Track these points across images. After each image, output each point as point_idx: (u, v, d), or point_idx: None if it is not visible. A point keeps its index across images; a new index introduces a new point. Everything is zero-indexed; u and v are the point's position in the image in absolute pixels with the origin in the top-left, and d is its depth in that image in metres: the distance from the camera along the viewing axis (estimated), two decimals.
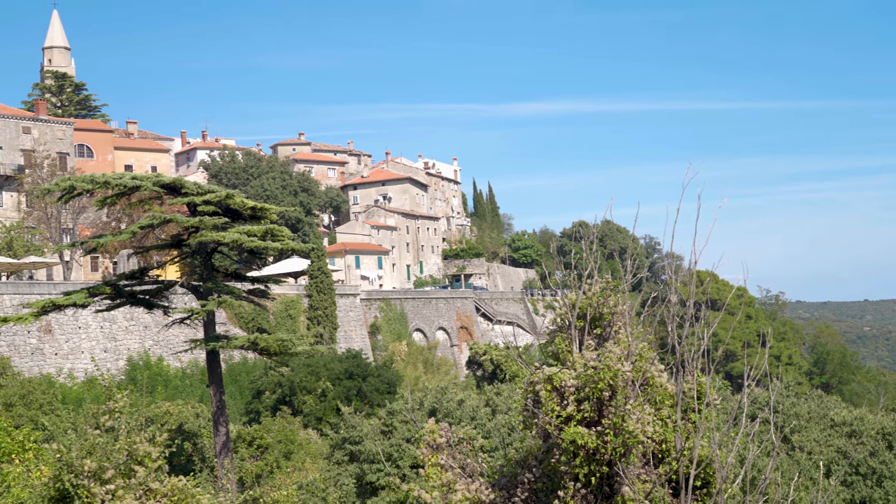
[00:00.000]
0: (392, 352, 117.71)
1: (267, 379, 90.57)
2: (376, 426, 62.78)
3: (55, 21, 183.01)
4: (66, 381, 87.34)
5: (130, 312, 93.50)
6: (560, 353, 18.95)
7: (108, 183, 45.55)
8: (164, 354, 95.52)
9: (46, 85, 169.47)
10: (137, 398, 59.54)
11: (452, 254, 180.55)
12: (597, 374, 17.06)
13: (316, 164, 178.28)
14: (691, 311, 17.47)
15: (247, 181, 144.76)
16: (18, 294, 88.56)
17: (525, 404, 18.30)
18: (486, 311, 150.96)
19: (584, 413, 17.25)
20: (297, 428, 75.92)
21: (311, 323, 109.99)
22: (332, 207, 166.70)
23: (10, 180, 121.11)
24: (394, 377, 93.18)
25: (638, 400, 17.38)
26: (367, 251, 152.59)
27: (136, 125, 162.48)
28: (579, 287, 19.29)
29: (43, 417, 62.06)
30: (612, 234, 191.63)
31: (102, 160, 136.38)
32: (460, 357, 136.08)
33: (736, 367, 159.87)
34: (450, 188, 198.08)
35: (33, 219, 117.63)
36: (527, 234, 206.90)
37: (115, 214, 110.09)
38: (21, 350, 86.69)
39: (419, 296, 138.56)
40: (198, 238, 45.40)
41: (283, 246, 47.02)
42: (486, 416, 65.67)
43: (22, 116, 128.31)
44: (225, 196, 45.92)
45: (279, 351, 48.07)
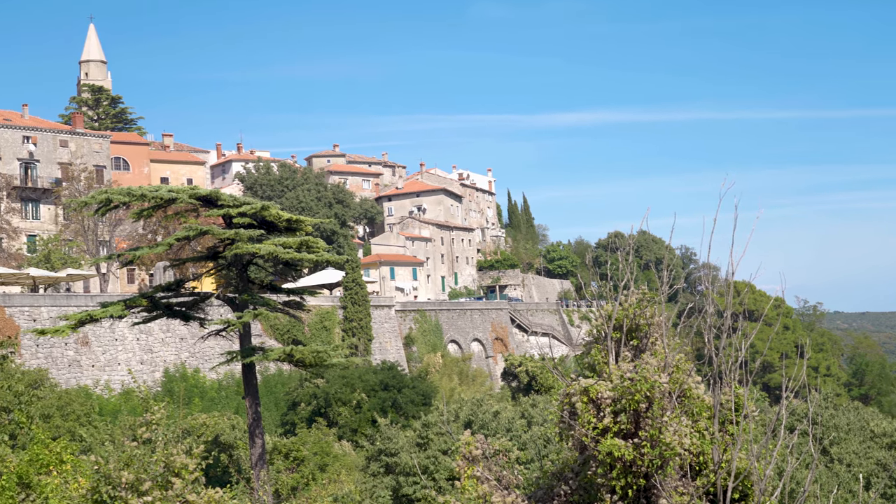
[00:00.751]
0: (427, 363, 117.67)
1: (302, 390, 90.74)
2: (412, 438, 62.74)
3: (92, 35, 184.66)
4: (103, 392, 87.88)
5: (167, 324, 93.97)
6: (596, 365, 18.86)
7: (145, 195, 45.81)
8: (201, 366, 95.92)
9: (83, 98, 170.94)
10: (174, 410, 59.80)
11: (487, 265, 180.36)
12: (633, 386, 16.96)
13: (350, 175, 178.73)
14: (728, 321, 17.34)
15: (282, 193, 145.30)
16: (56, 306, 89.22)
17: (561, 416, 18.22)
18: (521, 323, 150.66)
19: (621, 425, 17.15)
20: (332, 440, 76.00)
21: (347, 334, 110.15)
22: (366, 219, 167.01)
23: (47, 193, 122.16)
24: (429, 389, 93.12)
25: (675, 412, 17.27)
26: (401, 262, 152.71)
27: (171, 138, 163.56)
28: (615, 298, 19.20)
29: (80, 429, 62.41)
30: (647, 245, 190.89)
31: (139, 173, 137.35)
32: (495, 368, 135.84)
33: (773, 378, 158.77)
34: (484, 199, 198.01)
35: (70, 231, 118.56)
36: (562, 244, 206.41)
37: (151, 227, 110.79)
38: (59, 362, 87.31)
39: (454, 307, 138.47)
40: (233, 250, 45.57)
41: (318, 258, 47.11)
42: (522, 427, 65.48)
43: (59, 130, 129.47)
44: (260, 208, 46.07)
45: (314, 363, 48.13)
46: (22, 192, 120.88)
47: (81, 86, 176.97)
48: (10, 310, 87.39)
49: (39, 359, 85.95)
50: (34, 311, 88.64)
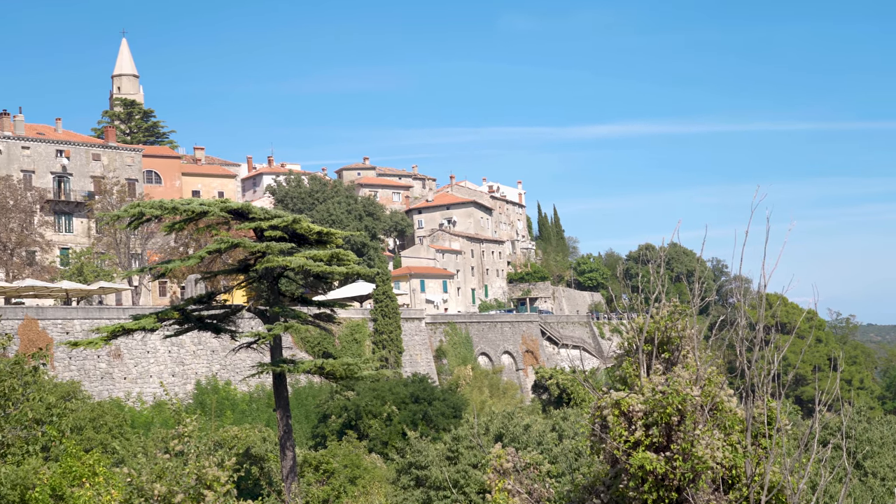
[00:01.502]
0: (457, 376, 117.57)
1: (333, 403, 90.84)
2: (442, 451, 62.66)
3: (124, 49, 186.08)
4: (135, 405, 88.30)
5: (198, 337, 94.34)
6: (628, 378, 18.81)
7: (177, 209, 46.10)
8: (232, 378, 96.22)
9: (115, 112, 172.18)
10: (206, 422, 60.03)
11: (517, 277, 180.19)
12: (665, 399, 16.90)
13: (381, 188, 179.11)
14: (760, 334, 17.27)
15: (312, 206, 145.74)
16: (88, 319, 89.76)
17: (592, 429, 18.17)
18: (551, 335, 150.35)
19: (653, 438, 17.09)
20: (362, 452, 76.01)
21: (377, 347, 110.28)
22: (396, 231, 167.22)
23: (80, 206, 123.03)
24: (459, 401, 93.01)
25: (707, 425, 17.20)
26: (431, 275, 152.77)
27: (203, 151, 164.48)
28: (647, 311, 19.15)
29: (113, 441, 62.72)
30: (678, 257, 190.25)
31: (170, 186, 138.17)
32: (526, 381, 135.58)
33: (806, 391, 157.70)
34: (514, 211, 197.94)
35: (103, 244, 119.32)
36: (592, 257, 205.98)
37: (182, 240, 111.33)
38: (91, 374, 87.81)
39: (484, 319, 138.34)
40: (264, 263, 45.75)
41: (348, 270, 47.25)
42: (553, 440, 65.29)
43: (92, 144, 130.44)
44: (291, 221, 46.26)
45: (345, 375, 48.24)
46: (55, 206, 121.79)
47: (114, 100, 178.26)
48: (44, 322, 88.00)
49: (72, 371, 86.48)
50: (67, 324, 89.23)
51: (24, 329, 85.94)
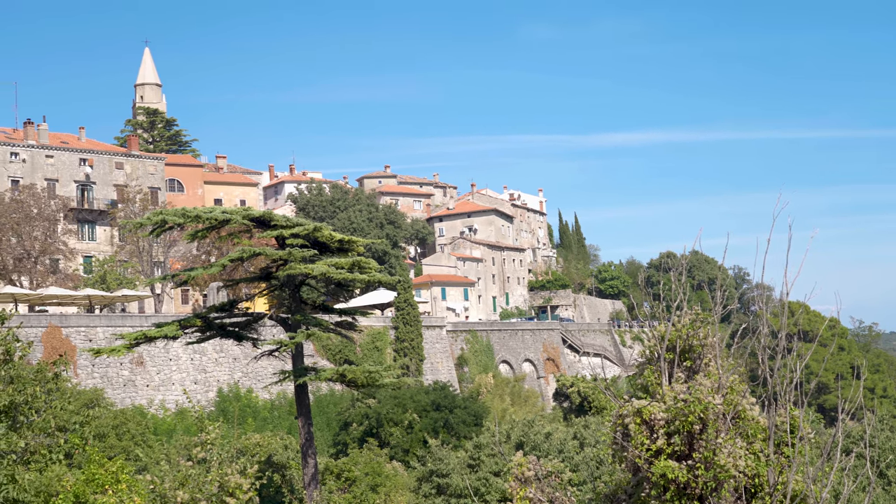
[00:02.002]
0: (478, 384, 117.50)
1: (354, 411, 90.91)
2: (463, 459, 62.68)
3: (147, 59, 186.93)
4: (157, 412, 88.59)
5: (220, 344, 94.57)
6: (649, 386, 18.80)
7: (199, 217, 46.29)
8: (253, 386, 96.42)
9: (138, 121, 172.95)
10: (228, 430, 60.17)
11: (538, 285, 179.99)
12: (687, 407, 16.89)
13: (402, 196, 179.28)
14: (783, 342, 17.25)
15: (334, 214, 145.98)
16: (111, 326, 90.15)
17: (614, 437, 18.17)
18: (572, 343, 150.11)
19: (675, 446, 17.08)
20: (383, 460, 76.02)
21: (398, 355, 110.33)
22: (417, 239, 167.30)
23: (103, 215, 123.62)
24: (480, 409, 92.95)
25: (729, 433, 17.17)
26: (452, 283, 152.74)
27: (225, 159, 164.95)
28: (668, 319, 19.13)
29: (136, 448, 62.94)
30: (699, 265, 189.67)
31: (193, 194, 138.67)
32: (547, 389, 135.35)
33: (829, 399, 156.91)
34: (535, 219, 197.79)
35: (126, 252, 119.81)
36: (613, 265, 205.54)
37: (205, 248, 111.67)
38: (114, 381, 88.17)
39: (505, 327, 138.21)
40: (286, 271, 45.88)
41: (369, 278, 47.36)
42: (575, 448, 65.23)
43: (115, 152, 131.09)
44: (313, 229, 46.39)
45: (366, 383, 48.31)
46: (78, 214, 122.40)
47: (137, 109, 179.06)
48: (67, 330, 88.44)
49: (95, 378, 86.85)
50: (90, 332, 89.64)
51: (47, 336, 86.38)
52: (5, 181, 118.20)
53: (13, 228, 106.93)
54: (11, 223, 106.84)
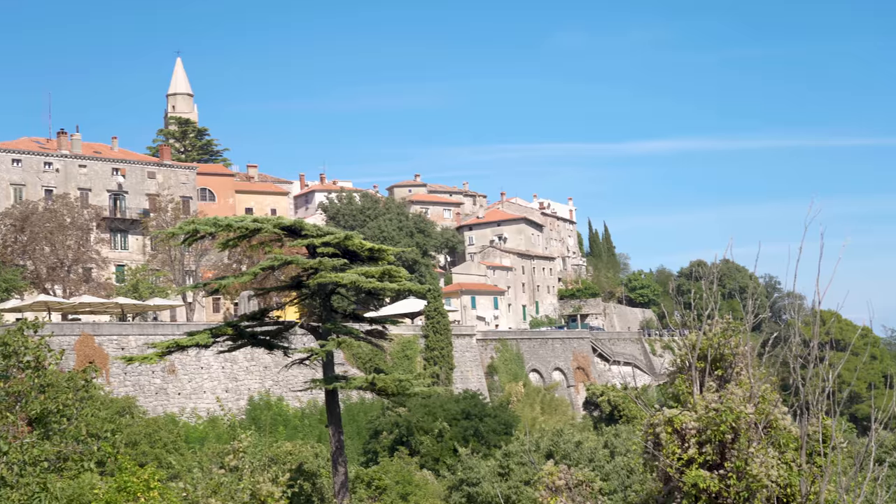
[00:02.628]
0: (508, 392, 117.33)
1: (384, 419, 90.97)
2: (493, 468, 62.60)
3: (179, 69, 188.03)
4: (189, 420, 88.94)
5: (251, 353, 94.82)
6: (680, 395, 18.77)
7: (231, 226, 46.52)
8: (284, 394, 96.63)
9: (170, 131, 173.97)
10: (259, 438, 60.36)
11: (568, 294, 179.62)
12: (719, 417, 16.85)
13: (431, 205, 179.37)
14: (815, 351, 17.18)
15: (364, 223, 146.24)
16: (143, 335, 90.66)
17: (645, 446, 18.15)
18: (602, 352, 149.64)
19: (706, 456, 17.04)
20: (414, 469, 76.05)
21: (428, 363, 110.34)
22: (447, 248, 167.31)
23: (135, 224, 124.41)
24: (511, 418, 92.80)
25: (761, 443, 17.12)
26: (482, 291, 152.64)
27: (256, 169, 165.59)
28: (699, 327, 19.10)
29: (168, 456, 63.20)
30: (730, 274, 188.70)
31: (224, 203, 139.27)
32: (577, 398, 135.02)
33: (861, 409, 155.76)
34: (565, 228, 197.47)
35: (158, 261, 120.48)
36: (643, 273, 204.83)
37: (236, 256, 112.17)
38: (146, 390, 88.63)
39: (535, 336, 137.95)
40: (317, 279, 45.99)
41: (400, 287, 47.42)
42: (605, 457, 64.99)
43: (147, 162, 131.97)
44: (343, 238, 46.52)
45: (397, 391, 48.35)
46: (111, 223, 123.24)
47: (168, 118, 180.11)
48: (99, 338, 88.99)
49: (127, 386, 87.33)
50: (122, 340, 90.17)
51: (80, 345, 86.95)
52: (39, 191, 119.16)
53: (47, 237, 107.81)
54: (45, 232, 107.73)
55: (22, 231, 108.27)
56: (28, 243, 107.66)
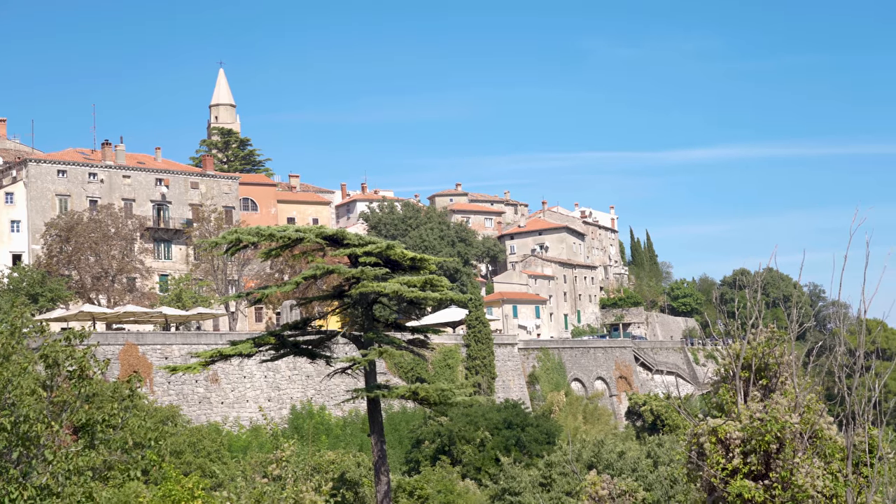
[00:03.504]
0: (550, 402, 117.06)
1: (426, 428, 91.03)
2: (535, 477, 62.46)
3: (221, 80, 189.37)
4: (232, 429, 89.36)
5: (293, 362, 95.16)
6: (724, 405, 18.65)
7: (273, 235, 46.71)
8: (326, 403, 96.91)
9: (213, 141, 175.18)
10: (302, 447, 60.53)
11: (610, 303, 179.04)
12: (763, 426, 16.74)
13: (473, 214, 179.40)
14: (860, 360, 17.03)
15: (405, 232, 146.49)
16: (187, 344, 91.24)
17: (689, 456, 18.05)
18: (644, 361, 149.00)
19: (751, 466, 16.92)
20: (455, 478, 76.03)
21: (470, 372, 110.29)
22: (489, 257, 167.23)
23: (179, 234, 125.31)
24: (553, 427, 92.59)
25: (807, 453, 16.98)
26: (524, 301, 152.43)
27: (298, 178, 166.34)
28: (743, 337, 18.98)
29: (212, 465, 63.50)
30: (774, 282, 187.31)
31: (266, 213, 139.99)
32: (619, 407, 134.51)
33: None
34: (607, 237, 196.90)
35: (201, 271, 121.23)
36: (686, 282, 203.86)
37: (278, 266, 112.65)
38: (189, 399, 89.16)
39: (577, 345, 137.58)
40: (359, 289, 46.06)
41: (441, 296, 47.38)
42: (648, 467, 64.68)
43: (190, 172, 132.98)
44: (385, 247, 46.57)
45: (439, 401, 48.30)
46: (154, 233, 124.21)
47: (211, 129, 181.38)
48: (143, 347, 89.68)
49: (171, 395, 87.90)
50: (166, 349, 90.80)
51: (124, 354, 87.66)
52: (84, 201, 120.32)
53: (91, 248, 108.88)
54: (90, 242, 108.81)
55: (67, 241, 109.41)
56: (73, 253, 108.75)
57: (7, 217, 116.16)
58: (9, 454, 23.65)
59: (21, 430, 23.04)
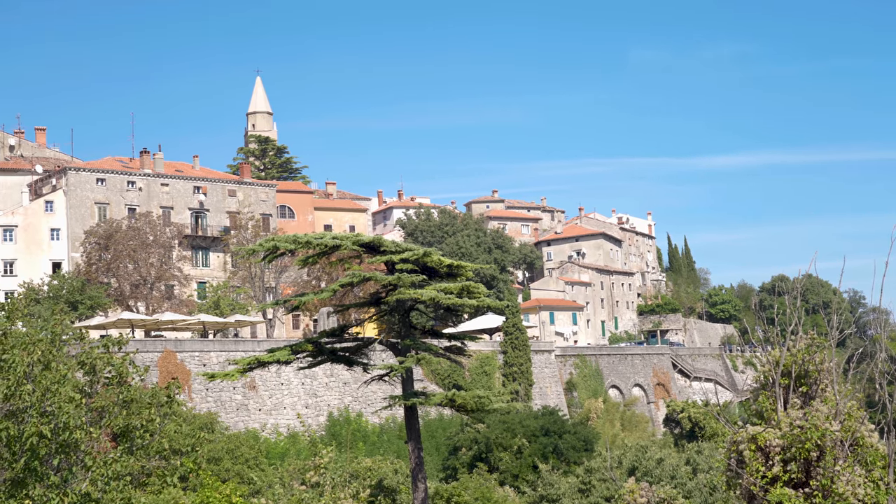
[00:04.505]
0: (588, 408, 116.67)
1: (463, 435, 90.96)
2: (574, 484, 62.27)
3: (258, 87, 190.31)
4: (270, 436, 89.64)
5: (331, 369, 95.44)
6: (764, 412, 18.51)
7: (310, 243, 46.83)
8: (363, 410, 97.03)
9: (250, 149, 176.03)
10: (339, 454, 60.68)
11: (647, 309, 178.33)
12: (803, 434, 16.60)
13: (509, 220, 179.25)
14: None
15: (442, 239, 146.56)
16: (225, 351, 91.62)
17: (728, 464, 17.92)
18: (682, 368, 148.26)
19: (791, 474, 16.78)
20: (493, 485, 75.90)
21: (507, 379, 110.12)
22: (525, 264, 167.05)
23: (216, 241, 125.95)
24: (590, 434, 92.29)
25: (847, 461, 16.82)
26: (561, 307, 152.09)
27: (334, 186, 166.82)
28: (782, 343, 18.83)
29: (250, 472, 63.73)
30: (813, 289, 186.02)
31: (303, 220, 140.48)
32: (657, 414, 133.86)
33: None
34: (644, 243, 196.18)
35: (238, 278, 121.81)
36: (724, 288, 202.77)
37: (315, 273, 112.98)
38: (227, 406, 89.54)
39: (614, 352, 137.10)
40: (396, 296, 46.10)
41: (478, 303, 47.33)
42: (687, 475, 64.36)
43: (228, 180, 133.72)
44: (422, 254, 46.57)
45: (476, 408, 48.23)
46: (192, 241, 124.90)
47: (248, 137, 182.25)
48: (182, 354, 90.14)
49: (209, 402, 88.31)
50: (204, 356, 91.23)
51: (163, 361, 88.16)
52: (123, 209, 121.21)
53: (130, 255, 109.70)
54: (128, 250, 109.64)
55: (106, 249, 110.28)
56: (112, 261, 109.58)
57: (47, 225, 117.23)
58: (49, 460, 23.84)
59: (61, 438, 23.21)
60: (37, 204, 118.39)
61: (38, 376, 24.04)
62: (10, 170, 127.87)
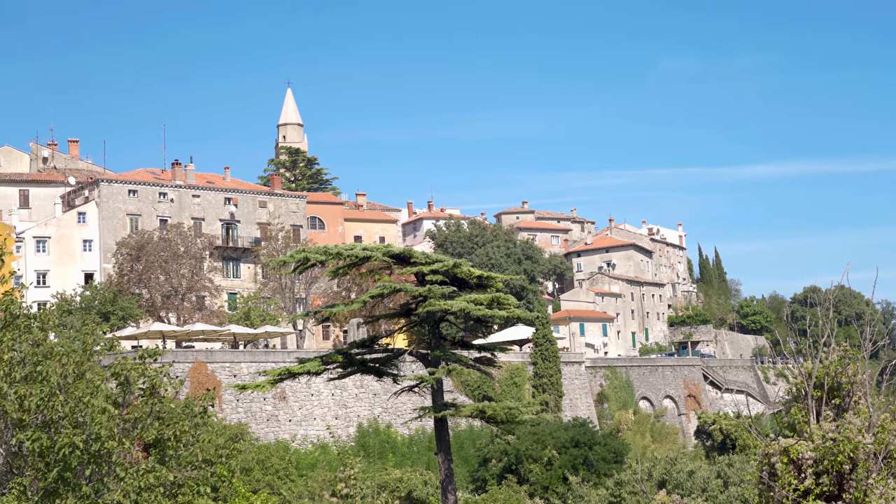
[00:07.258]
0: (618, 420, 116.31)
1: (493, 447, 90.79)
2: (604, 496, 62.05)
3: (289, 99, 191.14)
4: (300, 446, 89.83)
5: (360, 380, 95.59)
6: (796, 424, 18.41)
7: (340, 254, 46.87)
8: (393, 421, 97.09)
9: (281, 160, 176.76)
10: (368, 465, 60.75)
11: (678, 321, 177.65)
12: (836, 447, 16.49)
13: (539, 231, 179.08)
14: None
15: (472, 250, 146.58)
16: (255, 362, 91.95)
17: (760, 477, 17.83)
18: (714, 379, 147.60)
19: (823, 487, 16.68)
20: (523, 497, 75.72)
21: (537, 391, 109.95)
22: (555, 275, 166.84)
23: (247, 252, 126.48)
24: (621, 446, 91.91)
25: (881, 473, 16.70)
26: (591, 318, 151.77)
27: (364, 197, 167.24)
28: (815, 355, 18.73)
29: (280, 483, 63.85)
30: (846, 300, 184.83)
31: (333, 231, 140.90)
32: (688, 426, 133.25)
33: None
34: (675, 254, 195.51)
35: (269, 289, 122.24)
36: (755, 300, 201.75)
37: (345, 284, 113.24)
38: (257, 416, 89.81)
39: (645, 363, 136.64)
40: (426, 307, 46.06)
41: (508, 314, 47.24)
42: (719, 487, 64.01)
43: (258, 191, 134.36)
44: (452, 265, 46.52)
45: (506, 419, 48.10)
46: (223, 252, 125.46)
47: (279, 148, 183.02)
48: (212, 365, 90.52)
49: (239, 413, 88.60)
50: (234, 367, 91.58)
51: (194, 372, 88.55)
52: (154, 220, 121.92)
53: (161, 266, 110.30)
54: (160, 261, 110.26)
55: (138, 260, 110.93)
56: (143, 272, 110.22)
57: (80, 236, 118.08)
58: (81, 471, 24.00)
59: (93, 448, 23.36)
60: (69, 215, 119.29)
61: (70, 387, 24.22)
62: (43, 181, 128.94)
